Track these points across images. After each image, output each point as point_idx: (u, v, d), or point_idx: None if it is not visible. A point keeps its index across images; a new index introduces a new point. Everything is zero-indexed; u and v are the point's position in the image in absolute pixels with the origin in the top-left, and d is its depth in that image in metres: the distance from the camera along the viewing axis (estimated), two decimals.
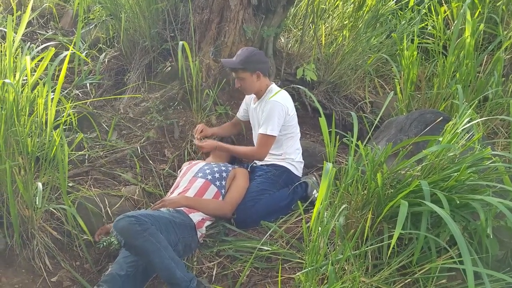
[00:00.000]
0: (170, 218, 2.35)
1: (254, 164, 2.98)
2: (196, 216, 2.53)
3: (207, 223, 2.60)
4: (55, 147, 2.33)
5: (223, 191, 2.74)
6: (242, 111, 3.24)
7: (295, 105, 3.73)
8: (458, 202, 1.93)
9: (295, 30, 4.36)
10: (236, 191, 2.76)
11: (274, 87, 2.99)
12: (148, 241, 2.10)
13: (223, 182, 2.77)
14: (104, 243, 2.44)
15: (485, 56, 3.61)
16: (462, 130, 2.14)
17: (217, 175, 2.76)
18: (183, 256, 2.43)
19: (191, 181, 2.74)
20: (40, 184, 2.25)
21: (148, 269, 2.27)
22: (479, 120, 2.29)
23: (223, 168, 2.82)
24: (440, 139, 2.15)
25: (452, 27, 3.69)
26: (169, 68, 3.70)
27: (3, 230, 2.30)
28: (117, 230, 2.13)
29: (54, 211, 2.50)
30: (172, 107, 3.50)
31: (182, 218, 2.44)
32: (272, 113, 2.81)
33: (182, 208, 2.53)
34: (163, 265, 2.10)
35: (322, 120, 2.14)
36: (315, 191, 2.82)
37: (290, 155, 2.94)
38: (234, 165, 3.02)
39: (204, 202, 2.64)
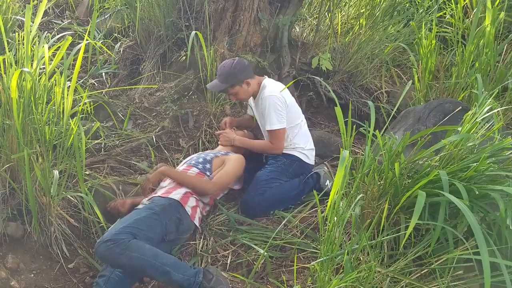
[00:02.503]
0: (147, 212, 2.31)
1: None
2: (176, 195, 2.49)
3: (193, 198, 2.54)
4: (72, 136, 2.35)
5: (207, 172, 2.69)
6: (249, 108, 3.23)
7: (310, 95, 3.74)
8: (477, 192, 1.90)
9: (310, 19, 4.31)
10: (223, 174, 2.71)
11: (267, 81, 2.95)
12: (133, 258, 2.06)
13: (207, 165, 2.73)
14: None
15: (505, 45, 3.54)
16: (482, 119, 2.10)
17: (201, 159, 2.76)
18: (183, 235, 2.44)
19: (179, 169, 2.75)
20: (56, 172, 2.27)
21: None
22: (499, 109, 2.25)
23: (210, 154, 2.82)
24: (459, 129, 2.12)
25: (472, 16, 3.62)
26: (184, 57, 3.70)
27: (22, 217, 2.33)
28: (99, 258, 2.14)
29: (71, 198, 2.53)
30: (187, 97, 3.50)
31: (160, 203, 2.40)
32: (270, 107, 2.79)
33: (157, 194, 2.51)
34: (158, 273, 2.09)
35: (338, 110, 2.12)
36: (327, 181, 2.80)
37: (299, 144, 2.91)
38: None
39: (185, 175, 2.62)
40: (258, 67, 3.57)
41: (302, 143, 2.92)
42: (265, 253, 2.31)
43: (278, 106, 2.79)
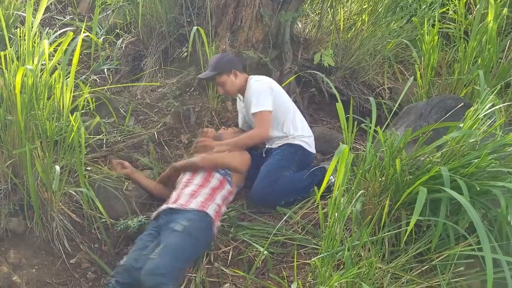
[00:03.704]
0: (189, 242, 2.21)
1: (268, 147, 2.96)
2: (211, 210, 2.46)
3: (214, 204, 2.51)
4: (73, 131, 2.35)
5: (228, 178, 2.70)
6: (241, 119, 3.17)
7: (311, 91, 3.73)
8: (478, 188, 1.89)
9: (312, 15, 4.30)
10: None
11: (253, 76, 2.96)
12: None
13: (228, 171, 2.74)
14: (122, 226, 2.49)
15: (508, 41, 3.51)
16: (484, 116, 2.09)
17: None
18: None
19: (193, 174, 2.69)
20: (58, 168, 2.27)
21: None
22: (501, 105, 2.24)
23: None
24: (461, 125, 2.11)
25: (474, 12, 3.60)
26: (186, 53, 3.70)
27: (23, 212, 2.34)
28: None
29: (73, 194, 2.54)
30: (188, 93, 3.50)
31: (197, 226, 2.32)
32: (255, 92, 2.80)
33: (195, 206, 2.43)
34: None
35: (339, 106, 2.12)
36: (331, 176, 2.79)
37: (297, 131, 2.89)
38: None
39: (218, 156, 2.71)
40: (260, 63, 3.57)
41: (300, 131, 2.90)
42: (266, 249, 2.31)
43: (262, 90, 2.81)
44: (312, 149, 2.94)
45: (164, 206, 2.48)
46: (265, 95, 2.80)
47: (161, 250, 2.14)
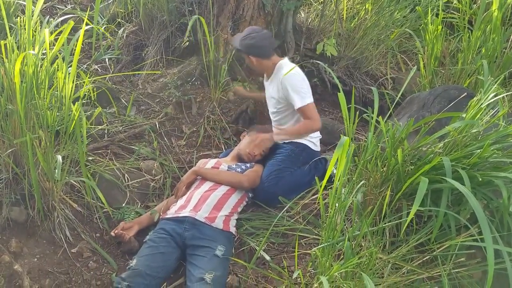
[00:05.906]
0: (224, 270, 2.23)
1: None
2: (233, 228, 2.46)
3: (233, 219, 2.53)
4: (74, 121, 2.35)
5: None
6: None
7: (314, 81, 3.71)
8: (480, 179, 1.88)
9: (315, 4, 4.27)
10: (253, 170, 2.74)
11: (285, 62, 2.87)
12: None
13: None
14: (118, 215, 2.54)
15: None
16: (487, 106, 2.07)
17: (239, 170, 2.74)
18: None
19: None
20: (59, 157, 2.27)
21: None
22: (504, 94, 2.22)
23: (245, 166, 2.79)
24: (464, 115, 2.09)
25: (479, 1, 3.56)
26: (187, 43, 3.68)
27: (25, 201, 2.34)
28: None
29: (75, 183, 2.54)
30: (190, 83, 3.49)
31: (229, 249, 2.35)
32: (296, 84, 2.74)
33: (220, 224, 2.41)
34: None
35: (341, 96, 2.10)
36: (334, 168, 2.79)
37: None
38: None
39: (219, 172, 2.66)
40: None
41: None
42: (267, 239, 2.31)
43: (303, 82, 2.79)
44: (318, 148, 2.93)
45: (187, 212, 2.43)
46: (306, 86, 2.78)
47: (214, 279, 2.13)
